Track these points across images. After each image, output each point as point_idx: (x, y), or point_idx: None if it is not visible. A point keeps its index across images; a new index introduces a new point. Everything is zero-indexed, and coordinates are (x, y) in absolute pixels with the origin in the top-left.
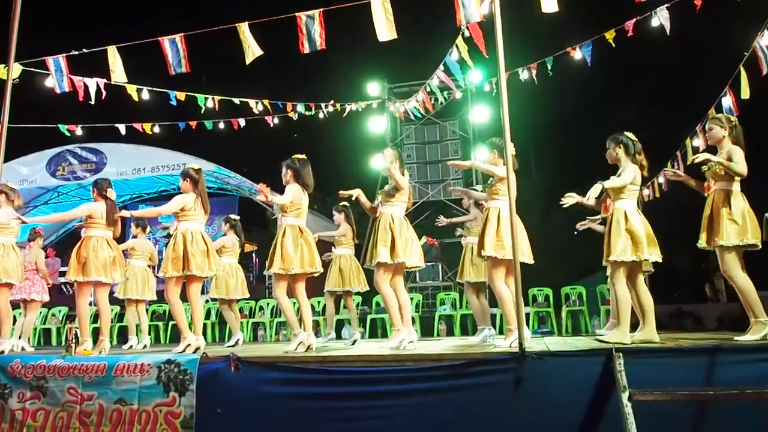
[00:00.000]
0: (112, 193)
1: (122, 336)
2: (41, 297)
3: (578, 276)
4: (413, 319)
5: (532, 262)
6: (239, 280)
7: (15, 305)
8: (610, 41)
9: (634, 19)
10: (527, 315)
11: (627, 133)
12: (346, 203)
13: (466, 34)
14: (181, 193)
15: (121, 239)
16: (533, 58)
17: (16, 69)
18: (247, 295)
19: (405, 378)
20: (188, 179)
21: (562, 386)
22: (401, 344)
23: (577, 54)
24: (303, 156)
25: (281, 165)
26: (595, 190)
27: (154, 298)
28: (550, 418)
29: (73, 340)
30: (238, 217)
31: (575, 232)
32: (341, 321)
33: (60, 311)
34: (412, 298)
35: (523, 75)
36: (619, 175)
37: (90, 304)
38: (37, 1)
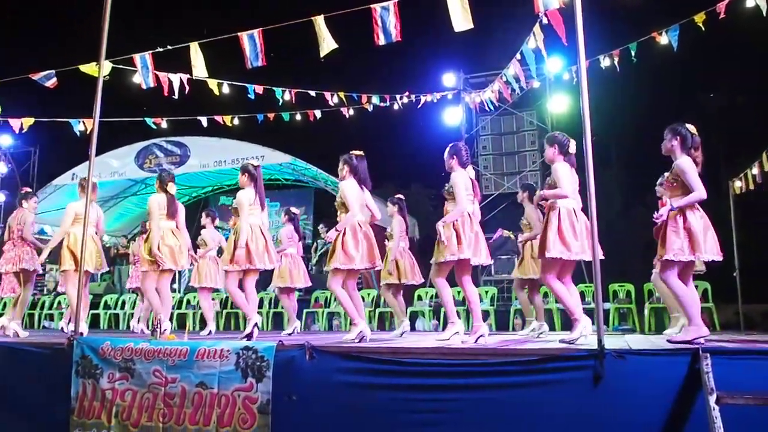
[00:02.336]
0: (172, 188)
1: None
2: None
3: None
4: (487, 312)
5: (589, 259)
6: (301, 270)
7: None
8: (700, 25)
9: (727, 0)
10: (607, 312)
11: (688, 126)
12: (400, 195)
13: (545, 21)
14: (240, 187)
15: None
16: (615, 45)
17: (107, 66)
18: (309, 284)
19: (478, 372)
20: (247, 174)
21: (643, 387)
22: (454, 338)
23: (663, 39)
24: (360, 152)
25: (340, 159)
26: (664, 215)
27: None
28: (628, 420)
29: (158, 325)
30: (297, 210)
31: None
32: (414, 313)
33: None
34: (486, 292)
35: (605, 62)
36: (673, 172)
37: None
38: (124, 1)
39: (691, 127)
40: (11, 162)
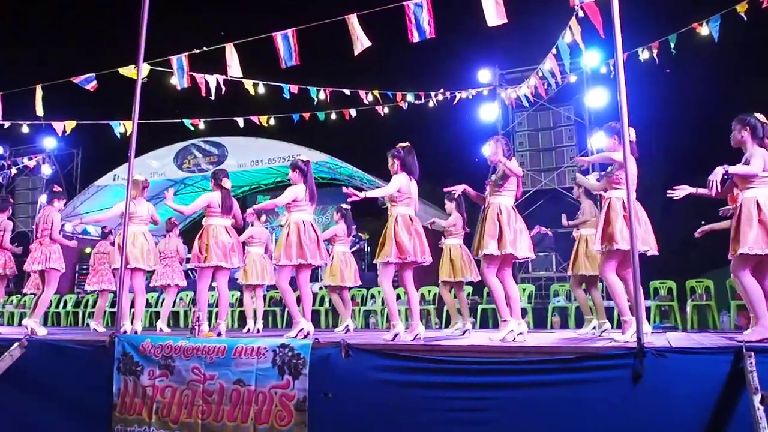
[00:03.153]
0: (227, 183)
1: (241, 320)
2: (179, 282)
3: (706, 268)
4: (525, 310)
5: (656, 253)
6: (352, 268)
7: (153, 289)
8: (742, 14)
9: None
10: (648, 309)
11: (757, 115)
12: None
13: (580, 14)
14: (291, 184)
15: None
16: (654, 37)
17: (145, 69)
18: (359, 283)
19: (515, 370)
20: (297, 170)
21: (684, 386)
22: (509, 336)
23: (704, 30)
24: (407, 144)
25: (387, 155)
26: (716, 174)
27: (272, 283)
28: (668, 419)
29: (197, 323)
30: (348, 207)
31: (696, 234)
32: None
33: (187, 295)
34: (524, 289)
35: (643, 55)
36: (746, 162)
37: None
38: (161, 3)
39: (761, 116)
40: (55, 164)
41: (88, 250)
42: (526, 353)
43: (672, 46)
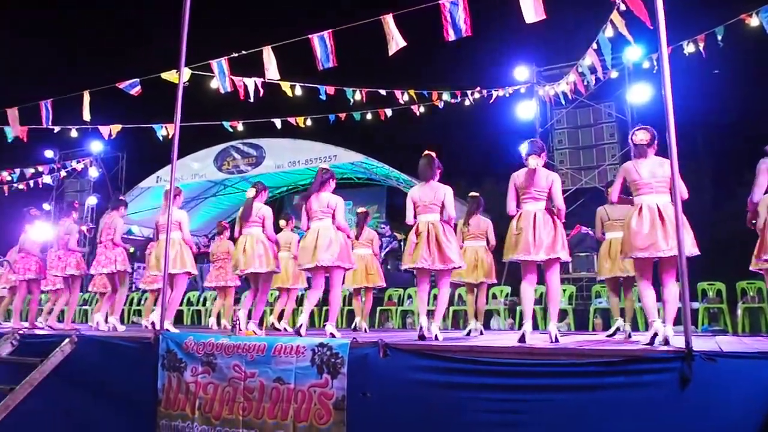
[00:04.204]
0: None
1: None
2: (234, 283)
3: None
4: (565, 311)
5: (698, 252)
6: (375, 268)
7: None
8: None
9: None
10: (695, 312)
11: None
12: (475, 193)
13: (622, 7)
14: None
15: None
16: (700, 29)
17: (186, 73)
18: (384, 285)
19: (556, 373)
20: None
21: (735, 391)
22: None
23: (754, 21)
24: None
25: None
26: None
27: (305, 285)
28: (718, 426)
29: (237, 322)
30: (366, 210)
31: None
32: (489, 311)
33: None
34: (564, 290)
35: (688, 48)
36: None
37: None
38: (200, 8)
39: None
40: (102, 167)
41: (132, 249)
42: (567, 355)
43: (719, 38)
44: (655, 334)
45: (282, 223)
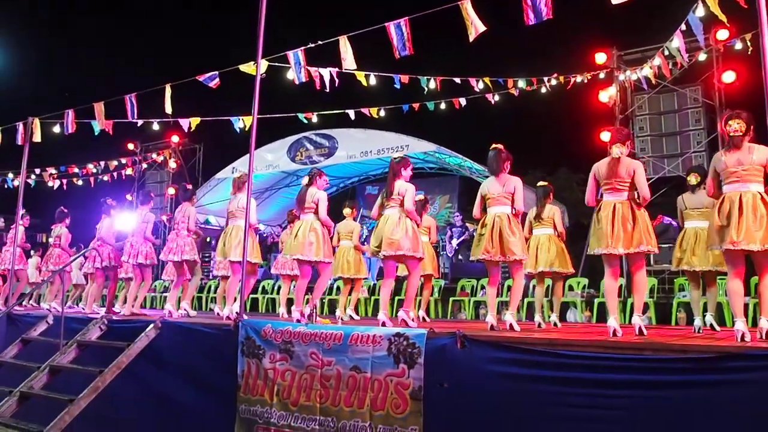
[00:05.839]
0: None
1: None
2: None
3: None
4: (646, 305)
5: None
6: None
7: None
8: None
9: None
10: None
11: None
12: (545, 183)
13: None
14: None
15: None
16: None
17: (263, 65)
18: (436, 274)
19: (642, 368)
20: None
21: None
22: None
23: None
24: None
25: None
26: None
27: (366, 275)
28: None
29: (315, 310)
30: (425, 197)
31: None
32: (566, 304)
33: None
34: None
35: None
36: None
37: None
38: (276, 1)
39: None
40: (180, 158)
41: (208, 239)
42: (655, 350)
43: None
44: (743, 335)
45: (346, 211)
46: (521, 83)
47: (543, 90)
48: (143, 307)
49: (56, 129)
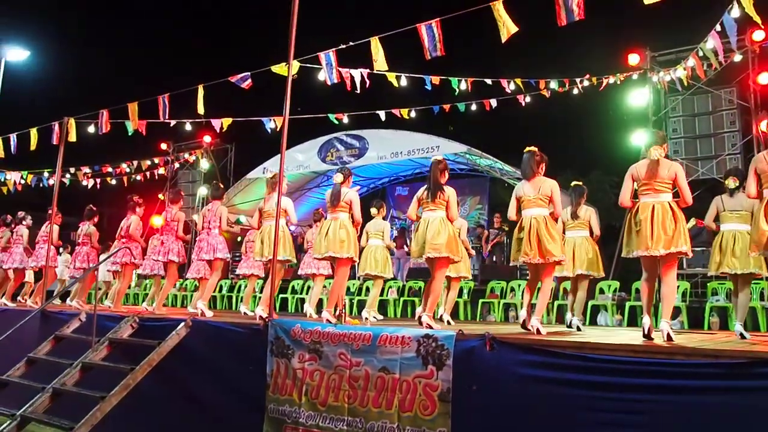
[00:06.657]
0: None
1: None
2: (326, 271)
3: None
4: (679, 309)
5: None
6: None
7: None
8: None
9: None
10: None
11: None
12: (579, 182)
13: None
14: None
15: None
16: None
17: (295, 66)
18: (469, 276)
19: (672, 373)
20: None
21: None
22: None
23: None
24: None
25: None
26: None
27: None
28: None
29: (344, 311)
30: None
31: None
32: (596, 307)
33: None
34: (678, 286)
35: None
36: None
37: None
38: (308, 1)
39: None
40: (212, 158)
41: (240, 238)
42: (686, 355)
43: None
44: None
45: (373, 211)
46: (553, 84)
47: (575, 91)
48: (165, 305)
49: (91, 129)
